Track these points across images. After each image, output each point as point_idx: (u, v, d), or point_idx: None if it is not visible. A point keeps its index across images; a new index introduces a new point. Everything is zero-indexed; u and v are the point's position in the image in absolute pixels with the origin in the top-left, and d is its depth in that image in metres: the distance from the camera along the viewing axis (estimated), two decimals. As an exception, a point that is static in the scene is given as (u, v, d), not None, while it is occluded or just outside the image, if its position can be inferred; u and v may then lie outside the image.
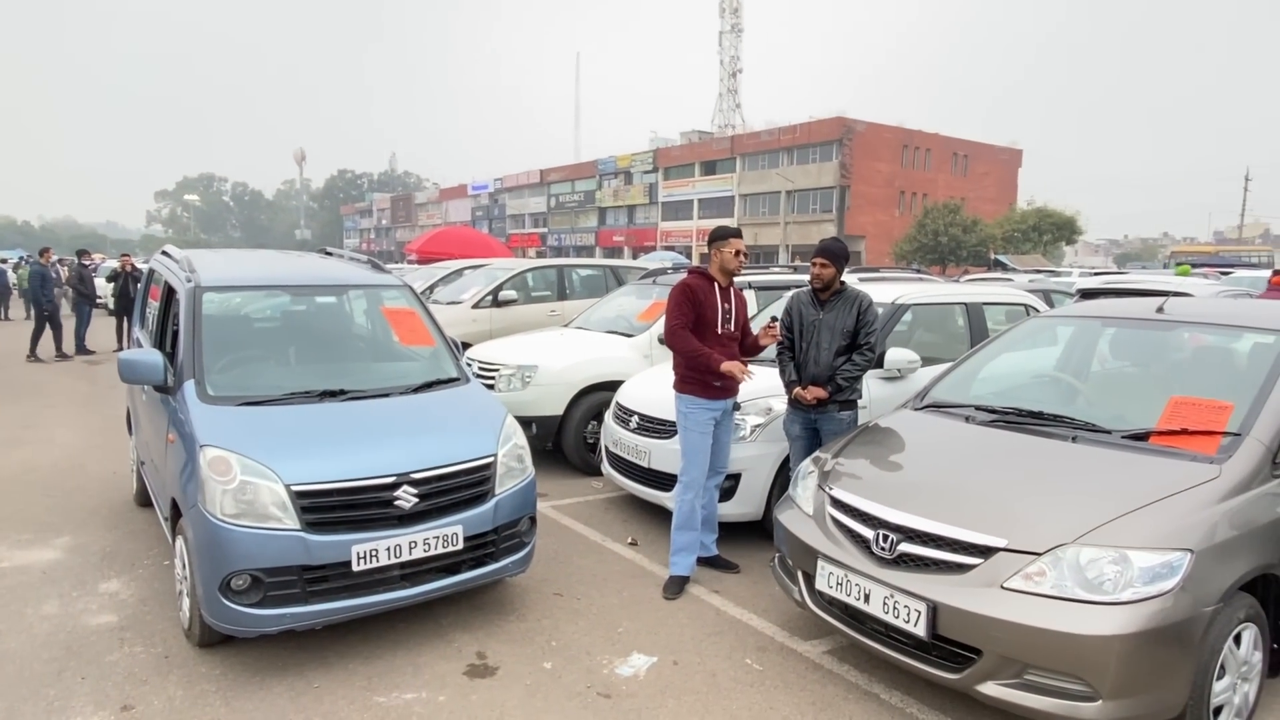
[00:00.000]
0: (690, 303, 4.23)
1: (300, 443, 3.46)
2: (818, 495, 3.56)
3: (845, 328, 4.39)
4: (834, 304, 4.46)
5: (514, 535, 3.82)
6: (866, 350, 4.38)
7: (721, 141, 58.63)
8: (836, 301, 4.46)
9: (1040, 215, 45.47)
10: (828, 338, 4.41)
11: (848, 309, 4.42)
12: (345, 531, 3.32)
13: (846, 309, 4.42)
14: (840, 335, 4.39)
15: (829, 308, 4.46)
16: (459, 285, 11.42)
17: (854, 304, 4.42)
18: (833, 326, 4.41)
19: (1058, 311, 4.51)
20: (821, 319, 4.45)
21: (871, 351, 4.40)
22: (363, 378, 4.12)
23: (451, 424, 3.87)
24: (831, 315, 4.44)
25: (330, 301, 4.55)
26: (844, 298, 4.46)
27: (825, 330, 4.42)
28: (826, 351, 4.40)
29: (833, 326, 4.41)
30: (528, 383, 6.46)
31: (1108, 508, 2.82)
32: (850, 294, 4.47)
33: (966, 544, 2.89)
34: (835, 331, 4.40)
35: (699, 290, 4.25)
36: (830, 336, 4.40)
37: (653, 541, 5.02)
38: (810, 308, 4.53)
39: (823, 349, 4.41)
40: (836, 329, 4.40)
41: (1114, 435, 3.28)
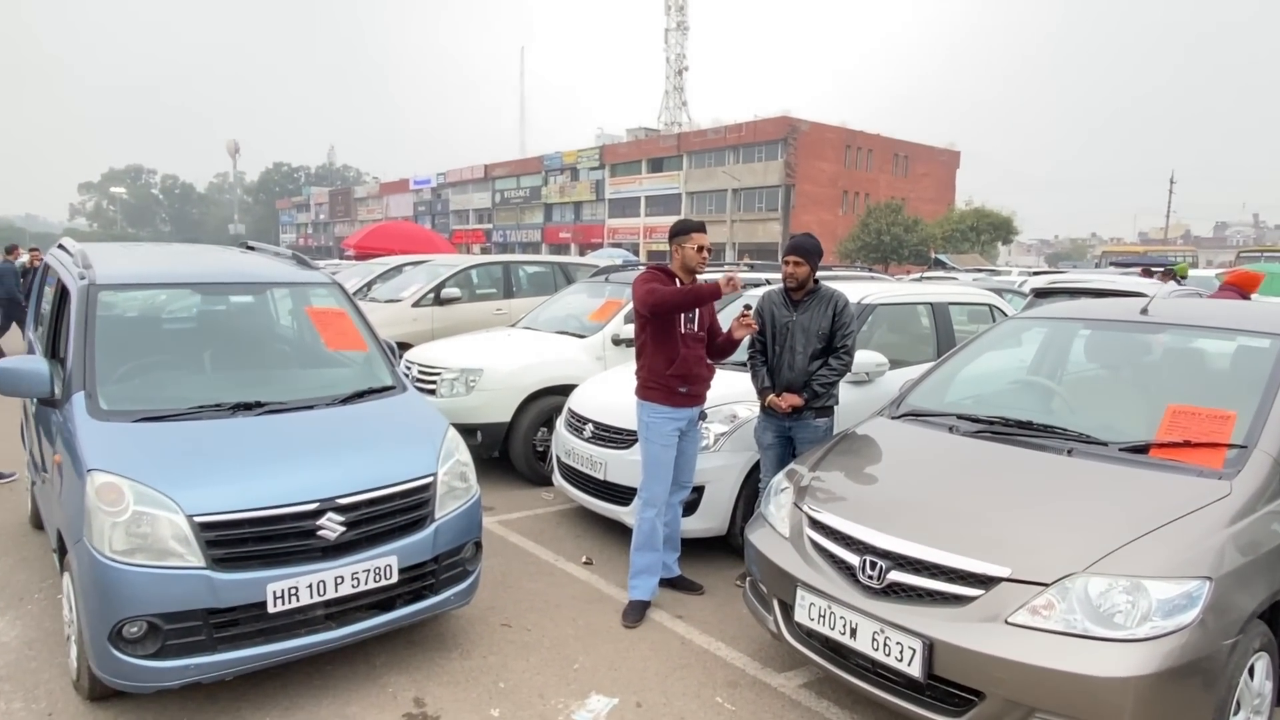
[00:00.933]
0: (657, 284, 3.86)
1: (206, 465, 3.00)
2: (794, 514, 3.24)
3: (820, 329, 4.10)
4: (808, 304, 4.16)
5: (457, 564, 3.41)
6: (843, 354, 4.09)
7: (668, 139, 58.45)
8: (810, 302, 4.16)
9: (978, 215, 46.48)
10: (802, 340, 4.11)
11: (823, 309, 4.12)
12: (259, 568, 2.88)
13: (821, 309, 4.12)
14: (815, 338, 4.10)
15: (803, 308, 4.16)
16: (399, 282, 10.87)
17: (829, 304, 4.13)
18: (807, 328, 4.11)
19: (1035, 313, 4.30)
20: (795, 320, 4.15)
21: (849, 355, 4.11)
22: (284, 387, 3.66)
23: (385, 439, 3.44)
24: (805, 316, 4.14)
25: (248, 301, 4.06)
26: (818, 297, 4.17)
27: (799, 332, 4.12)
28: (801, 355, 4.10)
29: (807, 328, 4.11)
30: (472, 387, 6.02)
31: (1117, 531, 2.57)
32: (825, 293, 4.18)
33: (965, 573, 2.60)
34: (810, 334, 4.10)
35: (660, 285, 3.90)
36: (805, 339, 4.10)
37: (609, 560, 4.66)
38: (782, 309, 4.22)
39: (797, 353, 4.11)
40: (811, 331, 4.10)
41: (1111, 447, 3.04)
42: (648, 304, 3.82)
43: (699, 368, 3.98)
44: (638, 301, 3.88)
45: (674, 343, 3.90)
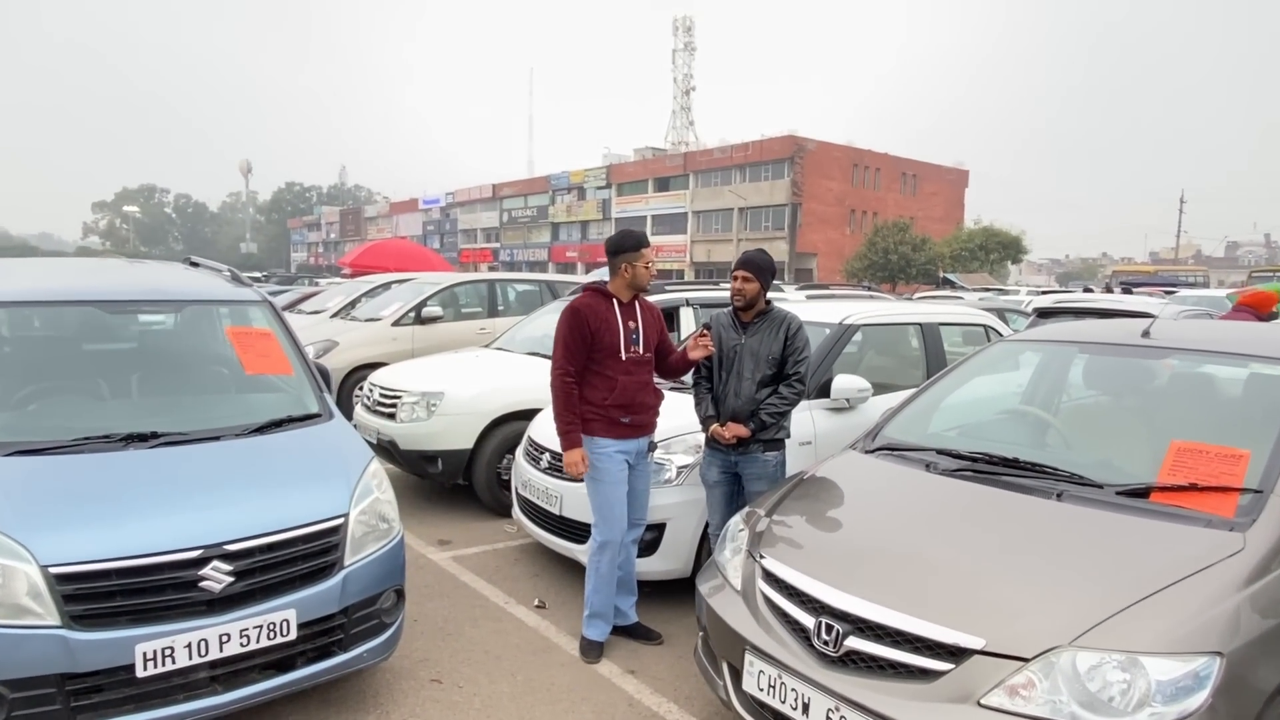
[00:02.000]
0: (580, 336, 3.54)
1: (73, 506, 2.65)
2: (747, 564, 2.86)
3: (771, 354, 3.73)
4: (758, 327, 3.80)
5: (371, 616, 3.04)
6: (795, 381, 3.72)
7: (675, 158, 58.42)
8: (761, 324, 3.80)
9: (987, 234, 46.07)
10: (750, 365, 3.74)
11: (773, 333, 3.76)
12: (127, 625, 2.52)
13: (772, 333, 3.76)
14: (765, 363, 3.73)
15: (752, 331, 3.80)
16: (382, 300, 10.56)
17: (781, 327, 3.76)
18: (756, 353, 3.75)
19: (1026, 335, 3.92)
20: (744, 344, 3.78)
21: (801, 383, 3.74)
22: (189, 416, 3.30)
23: (290, 475, 3.08)
24: (755, 340, 3.77)
25: (159, 320, 3.73)
26: (769, 320, 3.80)
27: (748, 357, 3.76)
28: (749, 382, 3.73)
29: (756, 353, 3.75)
30: (433, 411, 5.67)
31: (1111, 594, 2.18)
32: (776, 315, 3.82)
33: (932, 643, 2.21)
34: (759, 359, 3.74)
35: (593, 314, 3.57)
36: (753, 364, 3.74)
37: (565, 603, 4.28)
38: (731, 331, 3.85)
39: (744, 379, 3.74)
40: (761, 356, 3.74)
41: (1107, 490, 2.65)
42: (551, 371, 3.62)
43: (643, 394, 3.63)
44: (554, 354, 3.62)
45: (613, 370, 3.55)
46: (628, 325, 3.62)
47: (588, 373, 3.60)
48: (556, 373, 3.58)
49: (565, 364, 3.56)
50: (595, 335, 3.55)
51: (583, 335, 3.55)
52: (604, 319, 3.58)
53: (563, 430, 3.55)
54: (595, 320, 3.56)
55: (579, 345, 3.56)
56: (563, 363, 3.57)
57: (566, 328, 3.58)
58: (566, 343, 3.57)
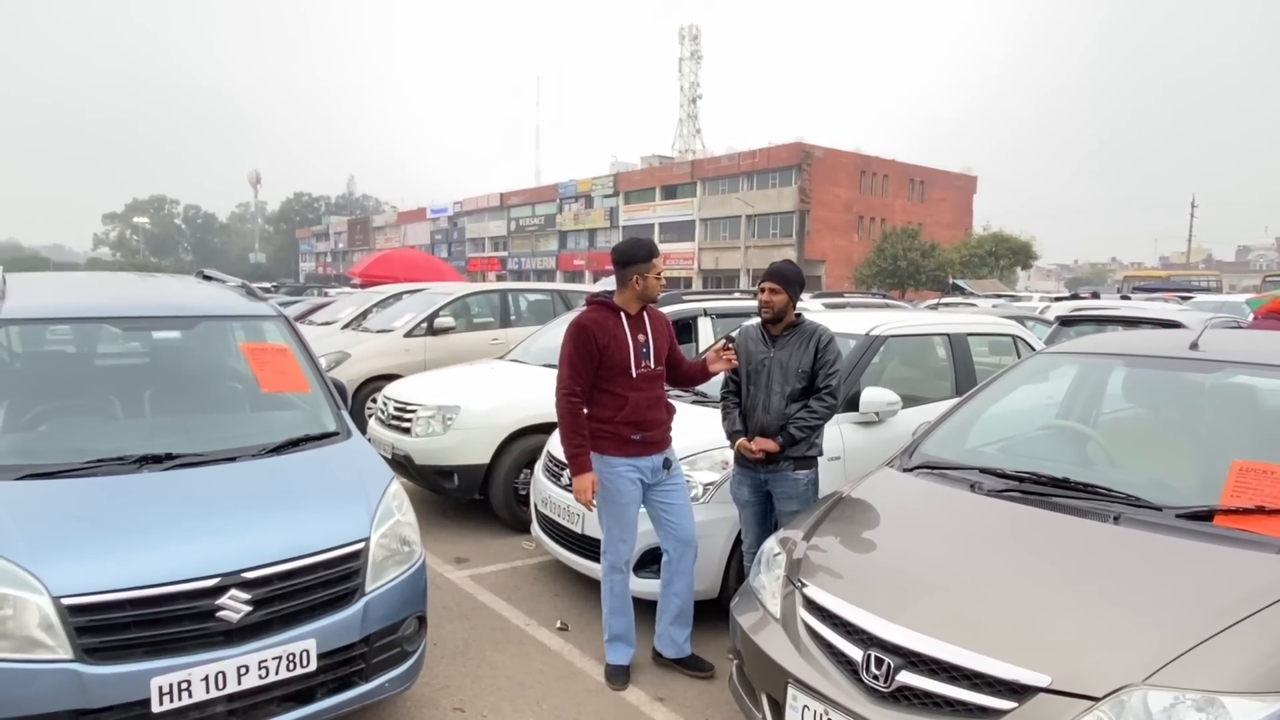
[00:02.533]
0: (588, 353, 3.39)
1: (86, 533, 2.55)
2: (787, 590, 2.74)
3: (800, 368, 3.61)
4: (787, 340, 3.68)
5: (393, 644, 2.92)
6: (827, 395, 3.60)
7: (682, 166, 58.41)
8: (790, 337, 3.68)
9: (996, 240, 45.82)
10: (779, 379, 3.62)
11: (803, 345, 3.64)
12: (143, 658, 2.41)
13: (802, 345, 3.64)
14: (795, 377, 3.61)
15: (781, 344, 3.68)
16: (393, 311, 10.49)
17: (811, 339, 3.64)
18: (785, 366, 3.63)
19: (1067, 347, 3.79)
20: (772, 357, 3.67)
21: (833, 397, 3.61)
22: (204, 436, 3.21)
23: (309, 498, 2.97)
24: (784, 353, 3.65)
25: (174, 337, 3.63)
26: (799, 332, 3.68)
27: (777, 370, 3.64)
28: (778, 396, 3.61)
29: (785, 366, 3.63)
30: (449, 426, 5.56)
31: (1183, 628, 2.05)
32: (807, 328, 3.69)
33: (993, 679, 2.08)
34: (789, 372, 3.62)
35: (600, 330, 3.41)
36: (783, 378, 3.62)
37: (587, 625, 4.15)
38: (760, 344, 3.73)
39: (773, 393, 3.62)
40: (790, 369, 3.62)
41: (1166, 513, 2.52)
42: (556, 392, 3.43)
43: (654, 411, 3.49)
44: (559, 373, 3.45)
45: (623, 387, 3.42)
46: (637, 339, 3.48)
47: (596, 390, 3.45)
48: (562, 393, 3.41)
49: (571, 384, 3.40)
50: (604, 352, 3.40)
51: (589, 353, 3.40)
52: (612, 335, 3.43)
53: (571, 454, 3.41)
54: (603, 336, 3.41)
55: (586, 364, 3.40)
56: (568, 382, 3.41)
57: (572, 345, 3.42)
58: (572, 361, 3.41)
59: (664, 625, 3.61)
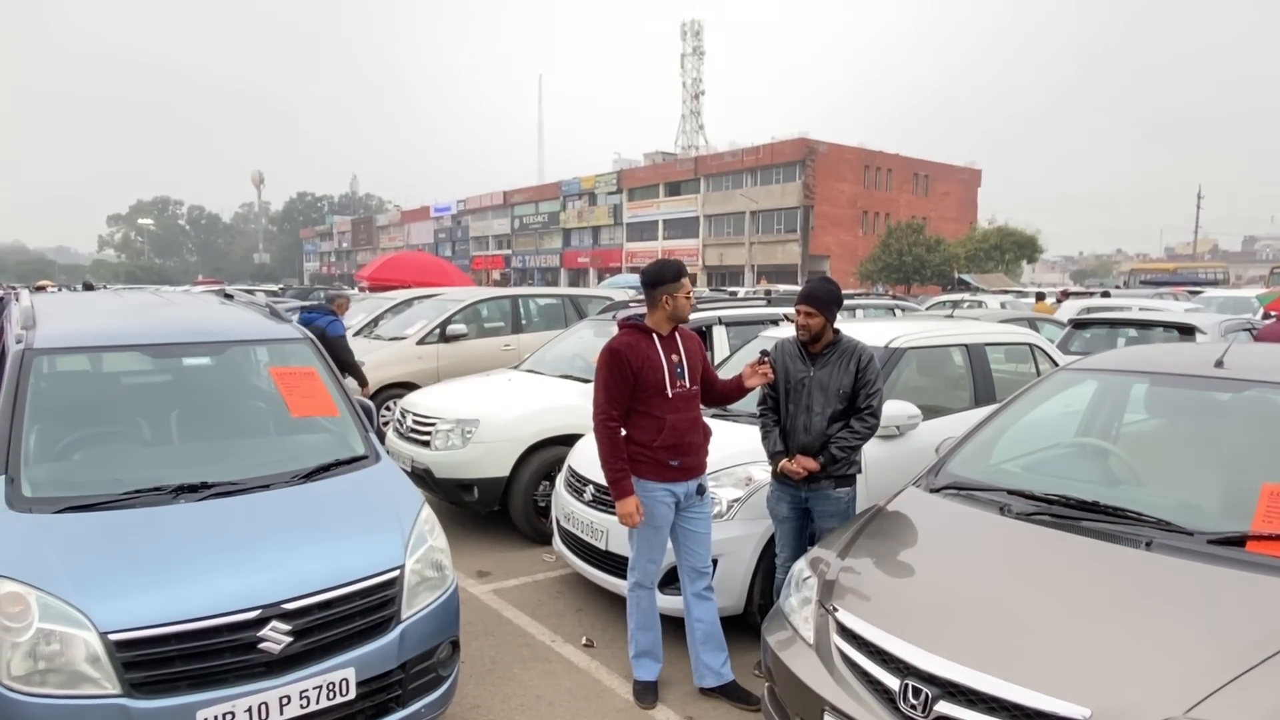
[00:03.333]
0: (622, 378, 3.41)
1: (129, 567, 2.58)
2: (819, 616, 2.76)
3: (841, 388, 3.62)
4: (827, 358, 3.68)
5: (428, 670, 2.96)
6: (869, 415, 3.61)
7: (685, 162, 58.34)
8: (830, 355, 3.68)
9: (1001, 234, 45.72)
10: (820, 399, 3.64)
11: (844, 364, 3.65)
12: (187, 691, 2.45)
13: (843, 364, 3.65)
14: (835, 397, 3.62)
15: (821, 363, 3.69)
16: (405, 318, 10.53)
17: (852, 358, 3.65)
18: (825, 386, 3.64)
19: (1088, 363, 3.79)
20: (812, 376, 3.67)
21: (874, 417, 3.63)
22: (238, 464, 3.24)
23: (344, 526, 3.00)
24: (824, 372, 3.66)
25: (204, 363, 3.67)
26: (839, 350, 3.69)
27: (817, 390, 3.65)
28: (819, 417, 3.62)
29: (825, 386, 3.64)
30: (469, 439, 5.60)
31: (1221, 659, 2.07)
32: (847, 345, 3.70)
33: (1033, 711, 2.11)
34: (829, 392, 3.63)
35: (634, 353, 3.43)
36: (823, 398, 3.63)
37: (613, 640, 4.19)
38: (798, 362, 3.74)
39: (814, 413, 3.63)
40: (831, 389, 3.63)
41: (1198, 538, 2.54)
42: (595, 417, 3.47)
43: (692, 434, 3.52)
44: (595, 399, 3.48)
45: (660, 409, 3.44)
46: (671, 359, 3.51)
47: (633, 414, 3.48)
48: (599, 418, 3.45)
49: (608, 408, 3.44)
50: (638, 375, 3.43)
51: (624, 377, 3.43)
52: (646, 357, 3.45)
53: (612, 479, 3.44)
54: (637, 360, 3.44)
55: (621, 388, 3.43)
56: (605, 407, 3.44)
57: (607, 371, 3.45)
58: (608, 387, 3.44)
59: (696, 654, 3.62)
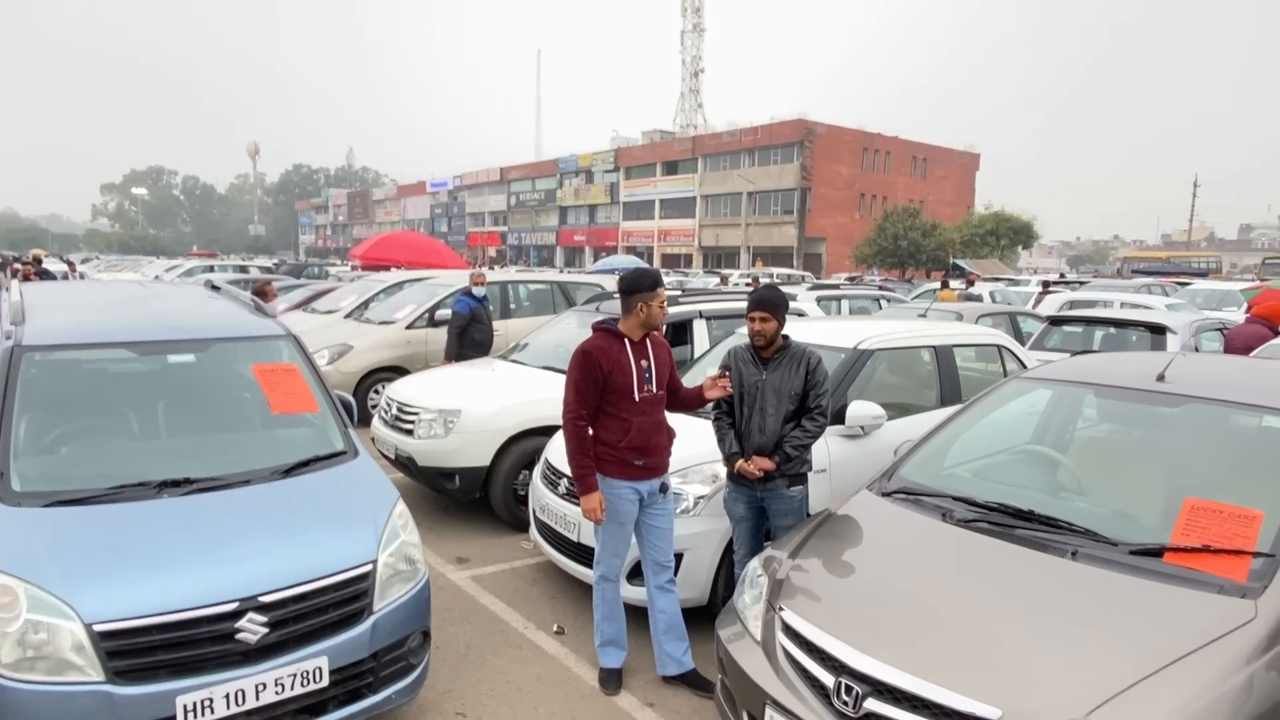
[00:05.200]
0: (592, 379, 3.58)
1: (114, 560, 2.73)
2: (767, 613, 2.93)
3: (793, 390, 3.79)
4: (778, 362, 3.85)
5: (399, 659, 3.12)
6: (818, 415, 3.78)
7: (683, 142, 58.15)
8: (781, 359, 3.85)
9: (998, 219, 45.75)
10: (773, 401, 3.80)
11: (794, 368, 3.81)
12: (168, 678, 2.61)
13: (793, 368, 3.81)
14: (788, 399, 3.79)
15: (772, 367, 3.85)
16: (395, 301, 10.64)
17: (802, 362, 3.82)
18: (778, 389, 3.80)
19: (1039, 373, 3.94)
20: (765, 380, 3.84)
21: (823, 416, 3.80)
22: (220, 459, 3.38)
23: (320, 521, 3.15)
24: (776, 376, 3.82)
25: (188, 360, 3.80)
26: (789, 355, 3.85)
27: (770, 393, 3.81)
28: (773, 418, 3.79)
29: (778, 389, 3.80)
30: (450, 429, 5.75)
31: (1126, 666, 2.23)
32: (795, 351, 3.87)
33: (950, 710, 2.28)
34: (782, 395, 3.79)
35: (605, 356, 3.59)
36: (776, 400, 3.79)
37: (583, 628, 4.36)
38: (751, 367, 3.90)
39: (768, 415, 3.80)
40: (783, 391, 3.79)
41: (1120, 549, 2.70)
42: (564, 416, 3.65)
43: (657, 436, 3.68)
44: (565, 398, 3.64)
45: (627, 411, 3.60)
46: (640, 365, 3.66)
47: (601, 414, 3.64)
48: (569, 417, 3.62)
49: (578, 408, 3.60)
50: (608, 377, 3.59)
51: (594, 379, 3.58)
52: (616, 360, 3.61)
53: (578, 475, 3.60)
54: (607, 362, 3.59)
55: (591, 389, 3.59)
56: (575, 406, 3.60)
57: (578, 371, 3.61)
58: (578, 387, 3.60)
59: (659, 644, 3.80)
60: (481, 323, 8.61)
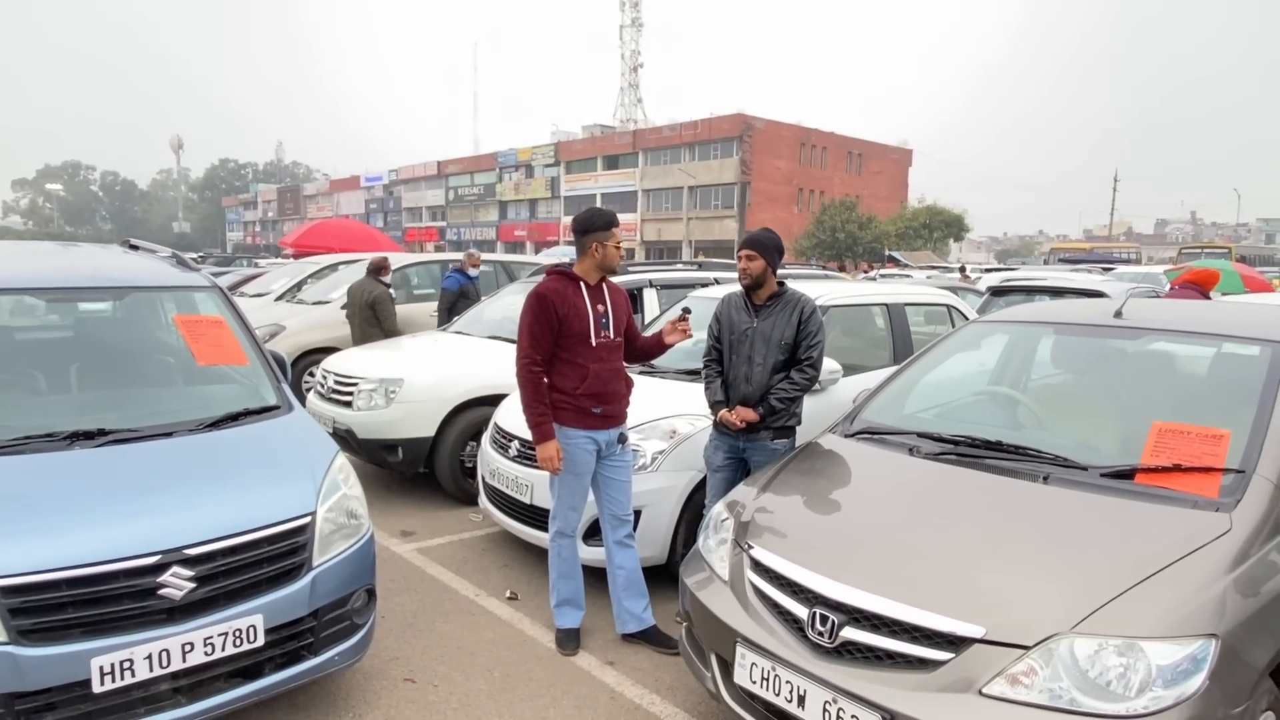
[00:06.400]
0: (547, 323, 3.40)
1: (18, 512, 2.45)
2: (734, 553, 2.81)
3: (783, 339, 3.66)
4: (770, 310, 3.72)
5: (342, 617, 2.90)
6: (809, 367, 3.66)
7: (624, 136, 58.01)
8: (774, 307, 3.72)
9: (931, 213, 46.88)
10: (762, 350, 3.68)
11: (787, 316, 3.69)
12: (81, 638, 2.35)
13: (786, 316, 3.69)
14: (777, 348, 3.66)
15: (764, 314, 3.72)
16: (330, 282, 10.23)
17: (795, 309, 3.69)
18: (768, 337, 3.68)
19: (998, 316, 3.93)
20: (755, 328, 3.71)
21: (814, 368, 3.68)
22: (138, 411, 3.11)
23: (252, 472, 2.91)
24: (767, 323, 3.70)
25: (103, 309, 3.49)
26: (782, 302, 3.73)
27: (759, 341, 3.68)
28: (761, 368, 3.66)
29: (768, 337, 3.68)
30: (392, 399, 5.49)
31: (1107, 579, 2.18)
32: (790, 298, 3.74)
33: (931, 632, 2.19)
34: (771, 343, 3.67)
35: (560, 299, 3.42)
36: (765, 349, 3.67)
37: (537, 593, 4.18)
38: (742, 314, 3.77)
39: (755, 364, 3.67)
40: (773, 340, 3.67)
41: (1091, 472, 2.66)
42: (517, 362, 3.47)
43: (615, 383, 3.53)
44: (519, 343, 3.47)
45: (584, 357, 3.44)
46: (597, 309, 3.50)
47: (556, 360, 3.48)
48: (523, 362, 3.44)
49: (532, 353, 3.43)
50: (563, 321, 3.42)
51: (549, 322, 3.41)
52: (572, 304, 3.45)
53: (534, 422, 3.43)
54: (563, 305, 3.43)
55: (546, 333, 3.42)
56: (529, 351, 3.43)
57: (531, 315, 3.44)
58: (532, 330, 3.43)
59: (618, 601, 3.65)
60: (470, 299, 8.64)
